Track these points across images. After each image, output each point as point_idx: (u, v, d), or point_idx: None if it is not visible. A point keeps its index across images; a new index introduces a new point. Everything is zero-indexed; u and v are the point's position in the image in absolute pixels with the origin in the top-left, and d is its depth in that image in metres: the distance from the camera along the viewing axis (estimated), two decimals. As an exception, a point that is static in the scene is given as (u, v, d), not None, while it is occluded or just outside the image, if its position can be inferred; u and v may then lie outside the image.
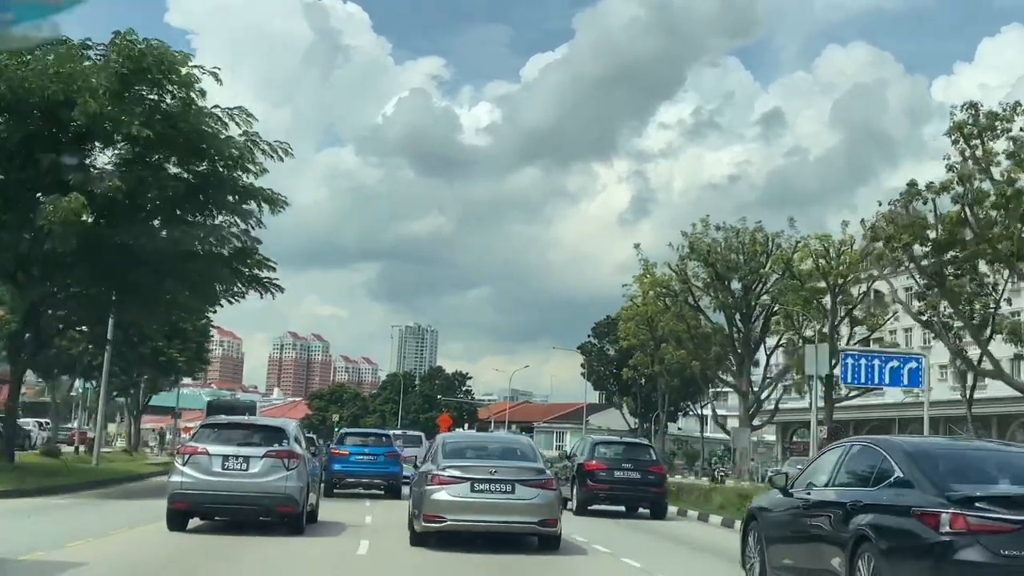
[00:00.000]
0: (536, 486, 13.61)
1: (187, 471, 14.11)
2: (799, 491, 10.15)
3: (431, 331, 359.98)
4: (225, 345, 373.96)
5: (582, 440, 28.09)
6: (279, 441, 14.61)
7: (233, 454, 14.13)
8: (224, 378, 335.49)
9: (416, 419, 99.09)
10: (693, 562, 14.93)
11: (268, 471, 14.04)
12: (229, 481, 13.99)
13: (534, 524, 13.52)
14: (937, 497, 7.89)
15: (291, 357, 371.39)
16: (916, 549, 7.84)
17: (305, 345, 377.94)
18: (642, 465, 23.42)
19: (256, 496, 14.00)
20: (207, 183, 21.51)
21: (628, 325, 68.47)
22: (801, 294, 53.55)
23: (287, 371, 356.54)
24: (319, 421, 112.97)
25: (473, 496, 13.29)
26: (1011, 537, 7.56)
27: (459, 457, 14.33)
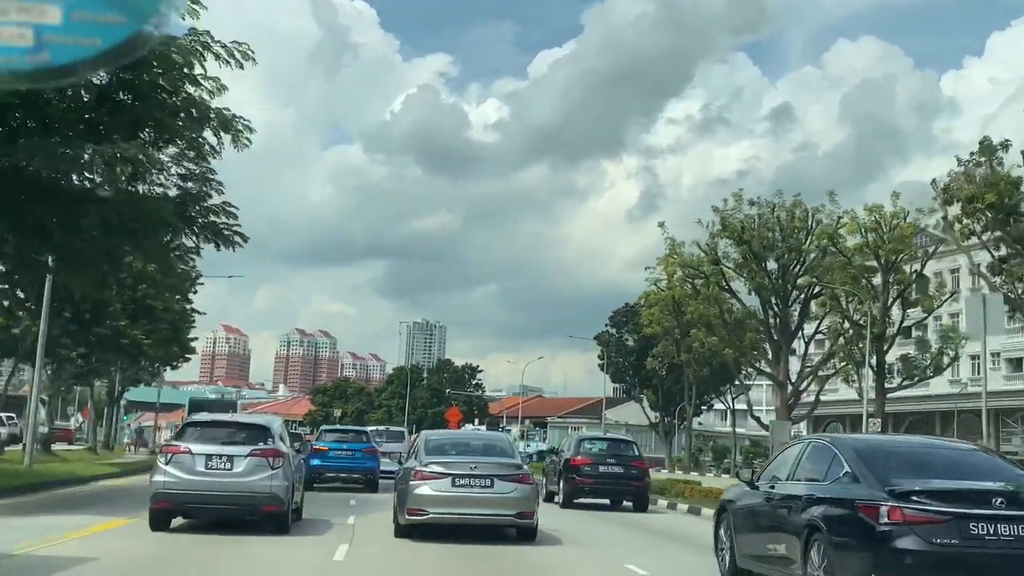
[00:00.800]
0: (514, 481, 14.19)
1: (170, 470, 13.84)
2: (764, 485, 10.70)
3: (439, 327, 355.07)
4: (232, 342, 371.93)
5: (568, 436, 28.23)
6: (264, 440, 14.31)
7: (217, 453, 13.89)
8: (231, 375, 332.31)
9: (423, 414, 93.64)
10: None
11: (253, 470, 13.84)
12: (213, 480, 13.74)
13: (512, 517, 14.17)
14: (879, 491, 8.45)
15: (298, 354, 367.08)
16: (859, 538, 8.44)
17: (312, 342, 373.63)
18: (625, 460, 24.15)
19: (241, 496, 13.77)
20: (138, 94, 16.01)
21: (651, 311, 62.98)
22: (849, 271, 47.98)
23: (294, 368, 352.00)
24: (322, 417, 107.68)
25: (454, 491, 13.86)
26: (943, 527, 8.12)
27: (441, 454, 14.78)
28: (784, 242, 52.75)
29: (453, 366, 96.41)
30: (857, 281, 47.72)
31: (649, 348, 79.74)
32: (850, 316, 48.69)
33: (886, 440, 12.38)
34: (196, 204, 18.22)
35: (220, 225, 18.37)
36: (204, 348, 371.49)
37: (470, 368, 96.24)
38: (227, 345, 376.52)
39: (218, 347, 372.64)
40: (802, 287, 53.84)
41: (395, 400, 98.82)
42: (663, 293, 60.85)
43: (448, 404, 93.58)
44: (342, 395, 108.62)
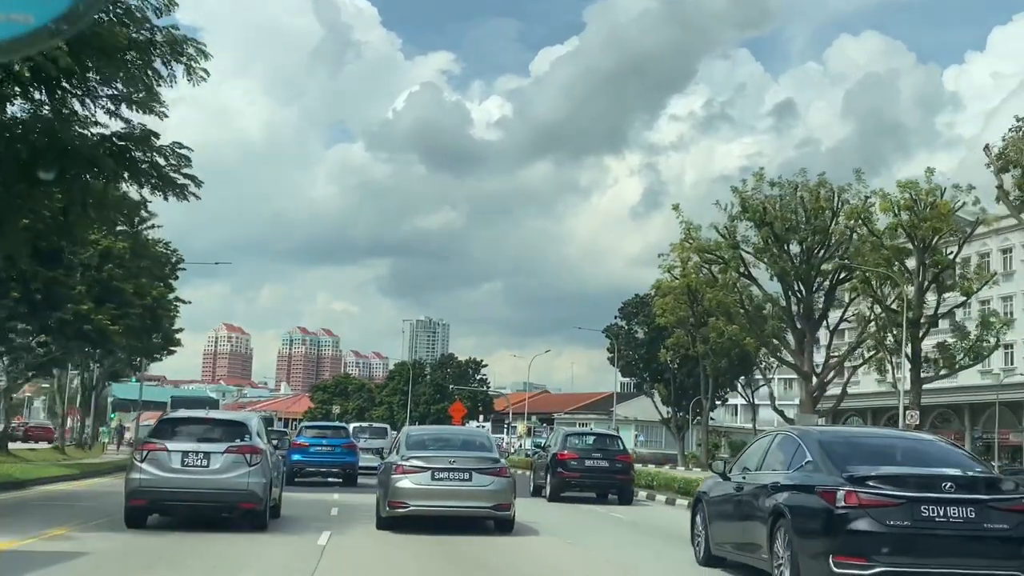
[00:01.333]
0: (491, 474, 14.52)
1: (146, 468, 13.61)
2: (735, 476, 11.20)
3: (443, 325, 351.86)
4: (234, 341, 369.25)
5: (555, 432, 28.35)
6: (241, 436, 14.07)
7: (193, 450, 13.69)
8: (233, 374, 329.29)
9: (426, 411, 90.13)
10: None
11: (230, 467, 13.62)
12: (189, 478, 13.54)
13: (489, 508, 14.50)
14: (837, 477, 8.87)
15: (300, 352, 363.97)
16: (818, 522, 8.84)
17: (315, 340, 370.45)
18: (610, 454, 24.43)
19: (217, 492, 13.59)
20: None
21: (665, 301, 59.48)
22: (883, 253, 44.42)
23: (296, 366, 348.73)
24: (322, 415, 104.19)
25: (434, 484, 14.27)
26: (896, 510, 8.56)
27: (421, 448, 15.09)
28: (808, 223, 49.20)
29: (456, 361, 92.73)
30: (890, 263, 44.17)
31: (661, 340, 76.27)
32: (883, 301, 45.03)
33: (848, 431, 13.10)
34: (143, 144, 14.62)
35: (167, 169, 14.77)
36: (206, 347, 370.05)
37: (474, 363, 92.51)
38: (229, 344, 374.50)
39: (220, 346, 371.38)
40: (828, 272, 50.31)
41: (397, 397, 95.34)
42: (677, 281, 57.41)
43: (452, 400, 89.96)
44: (343, 392, 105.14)
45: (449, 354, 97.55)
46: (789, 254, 50.26)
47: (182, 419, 15.07)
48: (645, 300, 76.26)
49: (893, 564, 8.55)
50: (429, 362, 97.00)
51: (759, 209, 49.67)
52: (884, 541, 8.51)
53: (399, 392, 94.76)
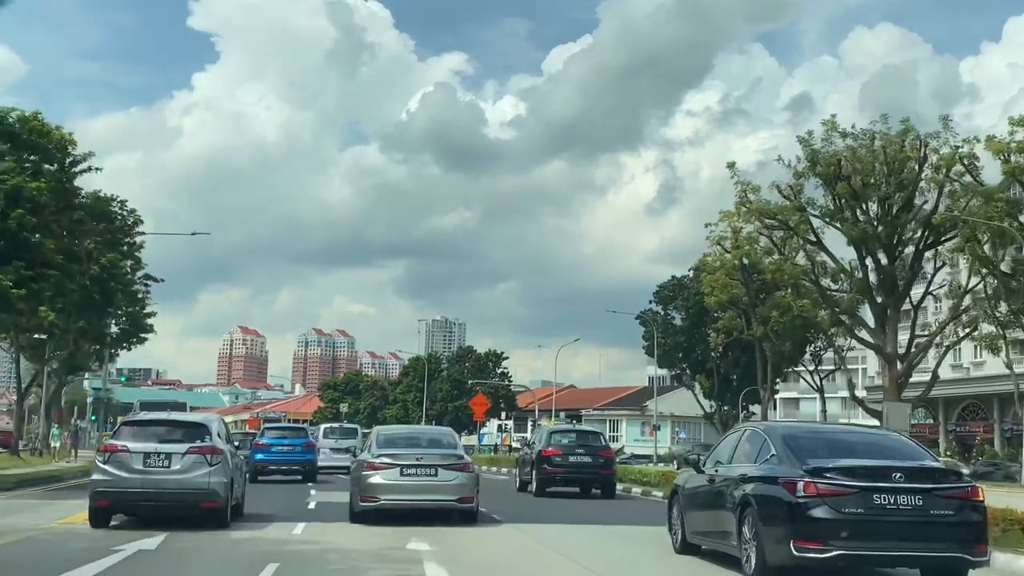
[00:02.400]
0: (456, 469, 15.22)
1: (108, 469, 13.68)
2: (708, 468, 11.65)
3: (459, 324, 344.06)
4: (249, 343, 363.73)
5: (539, 429, 29.49)
6: (201, 437, 14.09)
7: (154, 451, 13.70)
8: (248, 377, 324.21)
9: (444, 408, 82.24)
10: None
11: (191, 467, 13.68)
12: (151, 478, 13.59)
13: (454, 501, 15.13)
14: (797, 468, 9.46)
15: (316, 354, 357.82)
16: (780, 510, 9.40)
17: (330, 341, 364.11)
18: (593, 450, 24.68)
19: (179, 492, 13.67)
20: None
21: (715, 277, 51.59)
22: (995, 207, 36.39)
23: (312, 368, 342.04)
24: (332, 415, 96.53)
25: (402, 479, 14.97)
26: (851, 499, 9.16)
27: (391, 446, 15.69)
28: (891, 178, 41.22)
29: (475, 354, 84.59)
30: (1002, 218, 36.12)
31: (703, 326, 68.48)
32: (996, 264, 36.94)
33: (810, 426, 14.19)
34: None
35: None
36: (221, 350, 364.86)
37: (494, 355, 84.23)
38: (244, 347, 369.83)
39: (235, 349, 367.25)
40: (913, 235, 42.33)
41: (412, 394, 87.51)
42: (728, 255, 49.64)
43: (471, 396, 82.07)
44: (354, 390, 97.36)
45: (467, 347, 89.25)
46: (868, 215, 42.42)
47: (144, 421, 15.03)
48: (683, 282, 68.30)
49: (848, 548, 9.10)
50: (446, 356, 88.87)
51: (832, 163, 41.83)
52: (840, 527, 9.06)
53: (414, 389, 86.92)
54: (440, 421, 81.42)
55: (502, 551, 12.78)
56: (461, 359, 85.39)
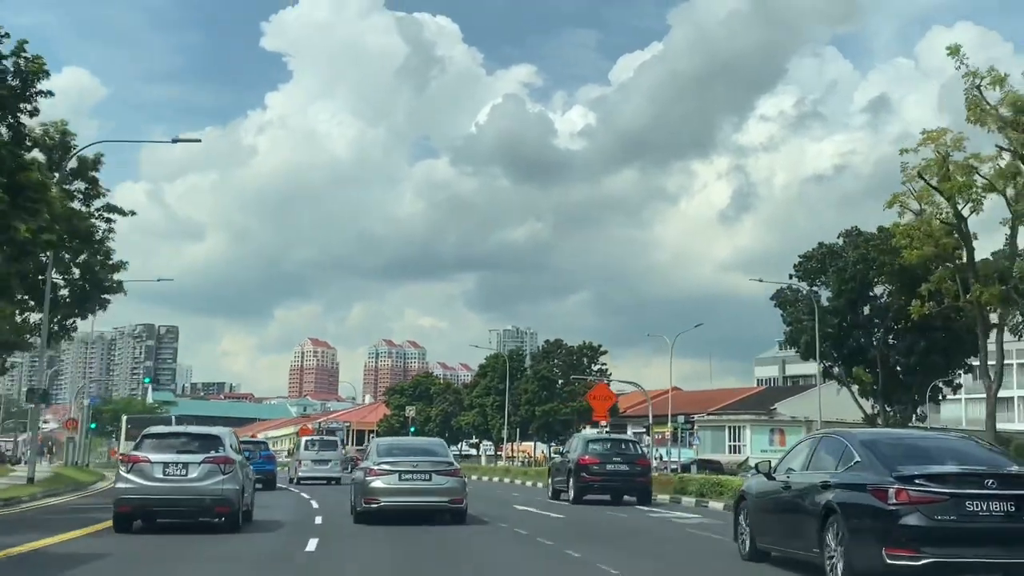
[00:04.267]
0: (447, 475, 16.88)
1: (131, 478, 14.67)
2: (780, 475, 11.48)
3: (530, 334, 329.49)
4: (319, 355, 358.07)
5: (575, 438, 28.22)
6: (215, 448, 15.11)
7: (173, 461, 14.70)
8: (320, 388, 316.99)
9: (529, 413, 67.37)
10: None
11: (206, 475, 14.64)
12: (170, 486, 14.57)
13: (446, 502, 16.71)
14: (886, 476, 9.30)
15: (387, 365, 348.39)
16: (870, 517, 9.25)
17: (401, 352, 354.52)
18: (630, 458, 25.00)
19: (196, 499, 14.64)
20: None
21: (915, 228, 36.45)
22: None
23: (383, 379, 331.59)
24: (399, 423, 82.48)
25: (401, 483, 16.61)
26: (943, 506, 8.98)
27: (390, 455, 17.28)
28: None
29: (566, 348, 69.56)
30: None
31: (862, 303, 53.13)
32: None
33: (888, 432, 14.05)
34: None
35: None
36: (292, 362, 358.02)
37: (589, 349, 69.21)
38: (315, 359, 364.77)
39: (306, 361, 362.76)
40: None
41: (491, 397, 72.90)
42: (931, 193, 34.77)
43: (561, 398, 67.01)
44: (423, 395, 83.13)
45: (556, 340, 73.93)
46: None
47: (163, 433, 15.93)
48: (834, 249, 52.89)
49: (941, 556, 8.92)
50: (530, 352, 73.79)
51: None
52: (932, 534, 8.89)
53: (493, 391, 72.38)
54: (525, 429, 66.82)
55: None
56: (549, 355, 70.29)
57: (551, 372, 67.92)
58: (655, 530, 17.07)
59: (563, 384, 67.13)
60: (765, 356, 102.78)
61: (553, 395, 66.20)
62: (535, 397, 66.45)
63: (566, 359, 68.45)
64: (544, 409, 65.34)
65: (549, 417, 64.87)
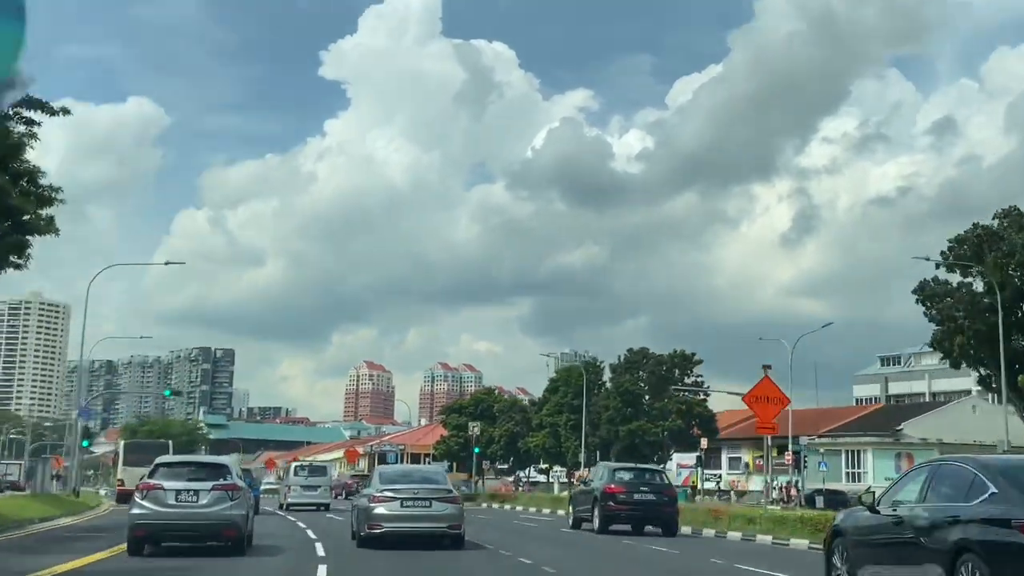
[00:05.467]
0: (446, 502, 17.54)
1: (145, 504, 15.32)
2: (885, 508, 10.15)
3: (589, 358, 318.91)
4: (375, 379, 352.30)
5: (599, 466, 28.24)
6: (223, 476, 15.88)
7: (185, 488, 15.38)
8: (375, 412, 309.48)
9: (612, 433, 57.14)
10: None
11: (215, 502, 15.35)
12: (182, 511, 15.26)
13: (445, 528, 17.32)
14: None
15: (442, 388, 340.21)
16: (1017, 557, 7.96)
17: (456, 376, 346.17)
18: (657, 488, 24.55)
19: (206, 524, 15.34)
20: None
21: None
22: None
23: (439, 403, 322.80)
24: (458, 445, 72.83)
25: (402, 510, 17.23)
26: None
27: (392, 483, 17.91)
28: None
29: (653, 358, 59.13)
30: None
31: None
32: None
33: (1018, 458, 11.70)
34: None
35: None
36: (348, 386, 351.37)
37: (681, 357, 58.80)
38: (370, 383, 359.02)
39: (361, 385, 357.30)
40: None
41: (563, 416, 62.94)
42: None
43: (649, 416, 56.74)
44: (485, 413, 73.40)
45: (641, 348, 63.54)
46: None
47: (175, 463, 16.94)
48: (994, 231, 42.53)
49: None
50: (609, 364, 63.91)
51: None
52: None
53: (566, 409, 62.47)
54: (606, 451, 56.74)
55: None
56: (632, 366, 60.12)
57: (636, 386, 57.75)
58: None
59: (651, 400, 56.97)
60: (865, 374, 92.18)
61: (639, 412, 56.07)
62: (617, 415, 56.30)
63: (654, 370, 58.20)
64: (628, 429, 55.18)
65: (636, 438, 54.74)
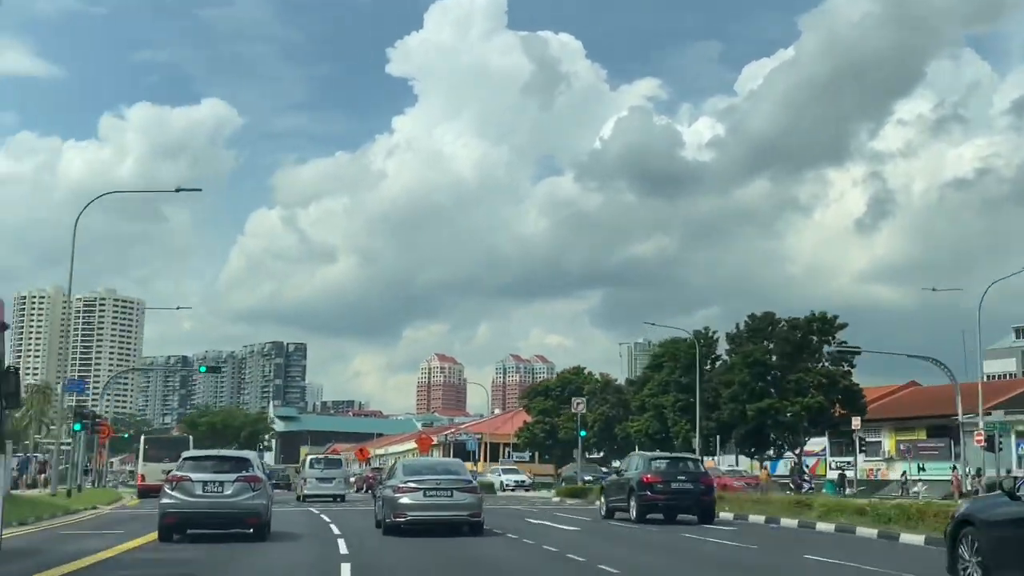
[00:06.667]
0: (467, 491, 18.70)
1: (175, 494, 16.68)
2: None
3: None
4: (446, 371, 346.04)
5: (632, 456, 28.24)
6: (246, 468, 17.16)
7: (211, 479, 16.71)
8: (447, 405, 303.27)
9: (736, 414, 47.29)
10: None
11: (239, 492, 16.66)
12: (209, 500, 16.60)
13: (466, 516, 18.46)
14: None
15: (515, 380, 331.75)
16: None
17: (528, 367, 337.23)
18: (694, 477, 24.43)
19: (230, 512, 16.75)
20: None
21: None
22: None
23: (511, 395, 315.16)
24: (544, 432, 63.63)
25: (426, 499, 18.32)
26: None
27: (415, 474, 19.11)
28: None
29: (780, 325, 48.57)
30: None
31: None
32: None
33: None
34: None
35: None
36: (419, 379, 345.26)
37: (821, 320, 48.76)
38: (442, 375, 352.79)
39: (433, 377, 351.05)
40: None
41: (669, 396, 53.37)
42: None
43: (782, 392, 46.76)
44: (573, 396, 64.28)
45: (766, 313, 49.92)
46: None
47: (201, 456, 18.19)
48: None
49: None
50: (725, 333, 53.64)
51: None
52: None
53: (672, 388, 52.97)
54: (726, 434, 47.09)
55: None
56: (756, 334, 50.12)
57: (764, 356, 47.88)
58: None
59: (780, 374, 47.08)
60: (999, 347, 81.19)
61: (771, 388, 46.33)
62: (743, 391, 46.52)
63: (788, 336, 48.16)
64: (758, 407, 45.46)
65: (767, 418, 45.09)
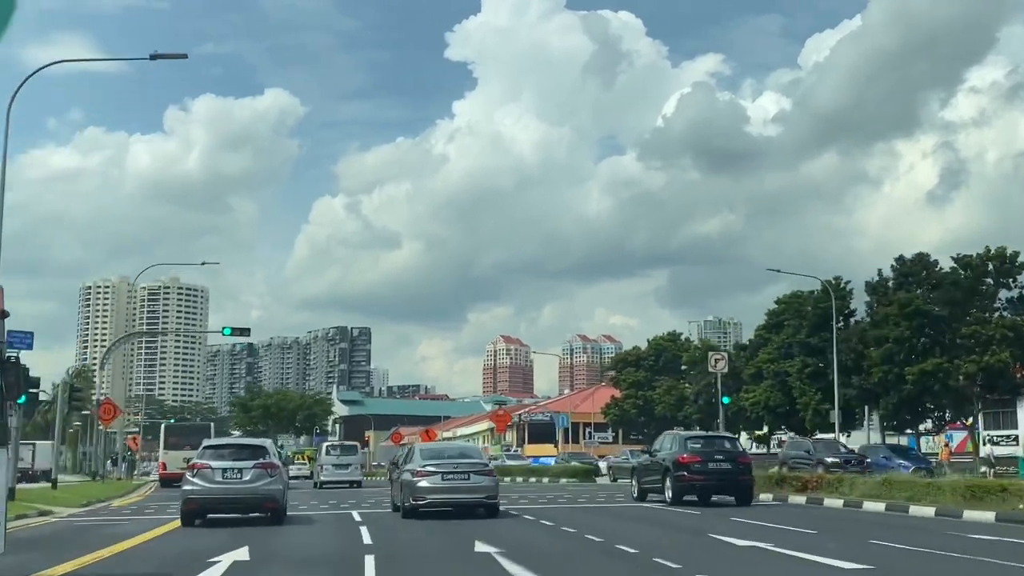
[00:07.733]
0: (483, 475, 19.15)
1: (196, 481, 17.52)
2: None
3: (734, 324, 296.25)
4: (513, 353, 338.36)
5: (665, 436, 27.05)
6: (263, 455, 18.00)
7: (230, 467, 17.56)
8: (514, 387, 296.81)
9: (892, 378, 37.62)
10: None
11: (257, 478, 17.48)
12: (228, 487, 17.48)
13: (482, 498, 18.96)
14: None
15: (582, 361, 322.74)
16: None
17: (596, 347, 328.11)
18: (732, 456, 23.85)
19: (249, 497, 17.59)
20: None
21: None
22: None
23: (579, 375, 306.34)
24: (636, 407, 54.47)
25: (444, 483, 18.79)
26: None
27: (433, 458, 19.62)
28: None
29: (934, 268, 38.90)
30: None
31: None
32: None
33: None
34: None
35: None
36: (486, 361, 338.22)
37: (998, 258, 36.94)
38: (508, 357, 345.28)
39: (499, 359, 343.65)
40: None
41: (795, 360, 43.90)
42: None
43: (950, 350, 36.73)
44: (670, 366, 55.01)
45: (919, 254, 40.17)
46: None
47: (220, 444, 19.17)
48: None
49: None
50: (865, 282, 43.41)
51: None
52: None
53: (797, 351, 43.57)
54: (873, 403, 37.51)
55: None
56: (907, 281, 40.18)
57: (927, 305, 38.01)
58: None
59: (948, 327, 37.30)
60: None
61: (935, 345, 36.69)
62: (901, 349, 36.86)
63: (957, 280, 38.25)
64: (921, 369, 35.77)
65: (933, 382, 35.49)
